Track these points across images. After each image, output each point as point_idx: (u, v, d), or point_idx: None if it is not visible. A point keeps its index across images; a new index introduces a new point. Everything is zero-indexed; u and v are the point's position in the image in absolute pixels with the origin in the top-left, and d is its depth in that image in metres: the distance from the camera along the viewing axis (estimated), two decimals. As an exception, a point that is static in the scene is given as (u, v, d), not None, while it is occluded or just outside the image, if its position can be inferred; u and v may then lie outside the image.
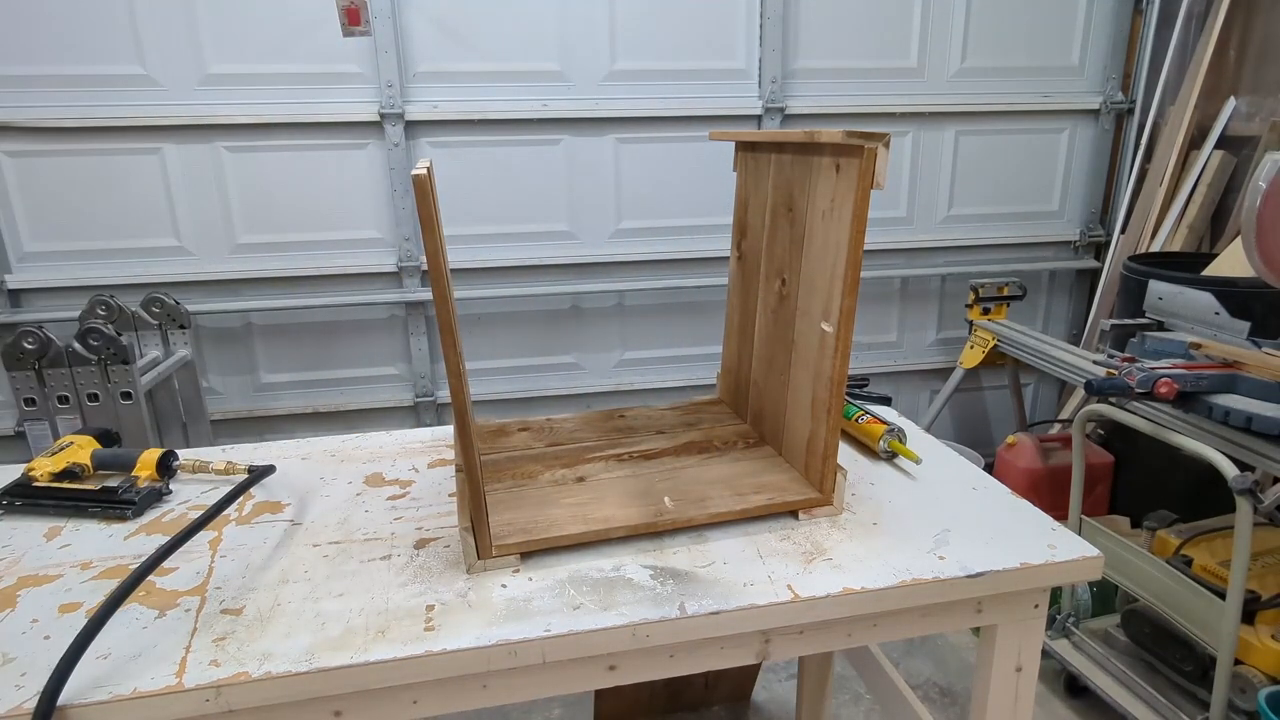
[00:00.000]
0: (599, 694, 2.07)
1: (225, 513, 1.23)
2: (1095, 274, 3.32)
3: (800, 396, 1.23)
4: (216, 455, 1.42)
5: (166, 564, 1.09)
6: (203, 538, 1.16)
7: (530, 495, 1.20)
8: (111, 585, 1.04)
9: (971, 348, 2.97)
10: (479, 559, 1.05)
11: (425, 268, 2.81)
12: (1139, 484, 2.74)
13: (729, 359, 1.56)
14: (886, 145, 1.01)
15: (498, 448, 1.39)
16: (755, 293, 1.40)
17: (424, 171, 0.90)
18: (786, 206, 1.26)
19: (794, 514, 1.17)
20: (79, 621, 0.97)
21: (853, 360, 1.30)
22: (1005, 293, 2.95)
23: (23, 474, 1.29)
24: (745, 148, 1.45)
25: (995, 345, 2.87)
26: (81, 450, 1.33)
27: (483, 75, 2.72)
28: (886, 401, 1.72)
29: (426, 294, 2.83)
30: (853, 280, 1.08)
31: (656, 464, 1.30)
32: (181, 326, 2.60)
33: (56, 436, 2.29)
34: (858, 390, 1.78)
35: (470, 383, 2.96)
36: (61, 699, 0.84)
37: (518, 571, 1.06)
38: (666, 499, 1.17)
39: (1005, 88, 3.10)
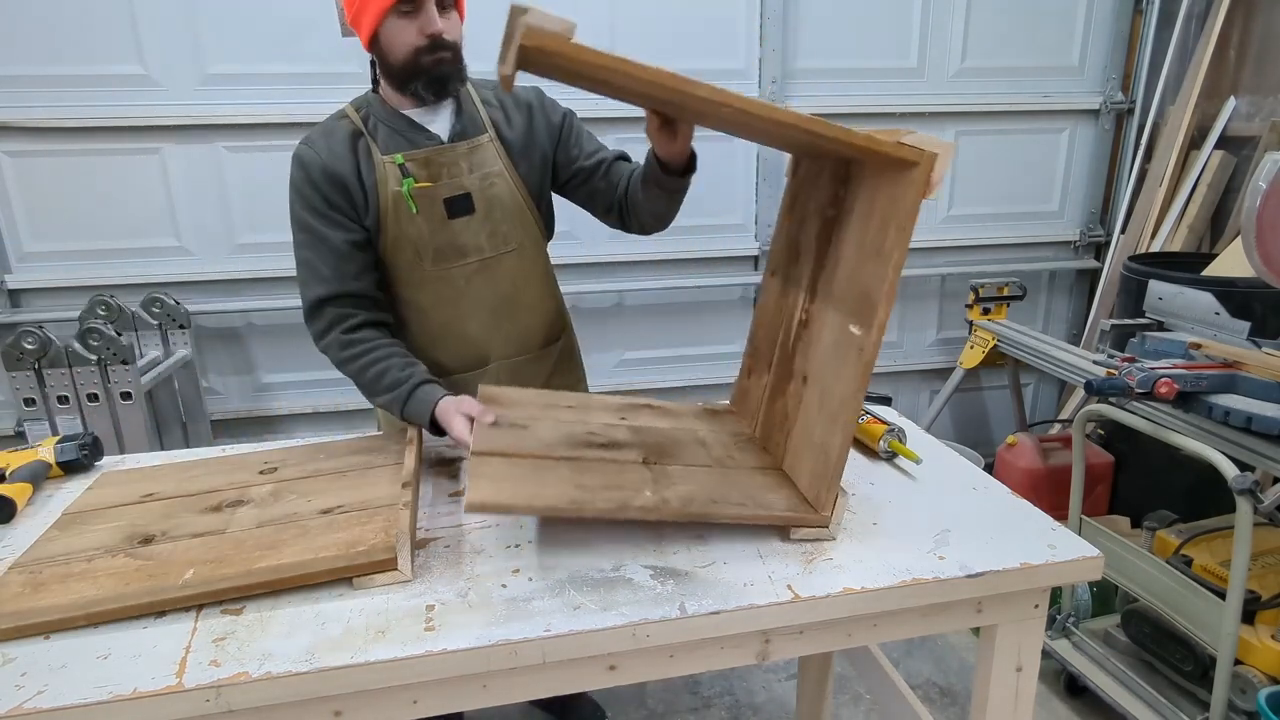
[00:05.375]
0: None
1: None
2: (1095, 274, 3.32)
3: (813, 411, 1.21)
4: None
5: (166, 564, 1.09)
6: (203, 538, 1.16)
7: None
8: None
9: (971, 348, 2.97)
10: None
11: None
12: (1139, 484, 2.74)
13: (746, 365, 1.54)
14: (945, 153, 0.94)
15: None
16: (785, 301, 1.38)
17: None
18: (827, 214, 1.24)
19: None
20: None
21: (853, 360, 1.28)
22: (1005, 293, 2.95)
23: None
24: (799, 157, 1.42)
25: (995, 345, 2.87)
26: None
27: (483, 75, 2.71)
28: (886, 401, 1.72)
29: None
30: (889, 292, 1.03)
31: (656, 464, 1.29)
32: (181, 326, 2.60)
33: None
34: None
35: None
36: (62, 699, 0.84)
37: (518, 571, 1.06)
38: (667, 498, 1.17)
39: (1005, 88, 3.10)
